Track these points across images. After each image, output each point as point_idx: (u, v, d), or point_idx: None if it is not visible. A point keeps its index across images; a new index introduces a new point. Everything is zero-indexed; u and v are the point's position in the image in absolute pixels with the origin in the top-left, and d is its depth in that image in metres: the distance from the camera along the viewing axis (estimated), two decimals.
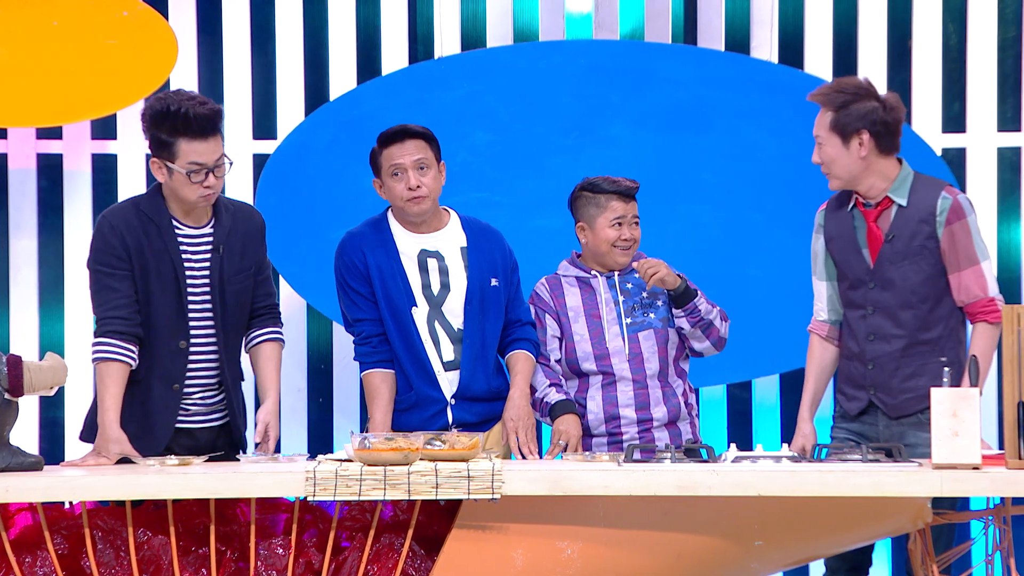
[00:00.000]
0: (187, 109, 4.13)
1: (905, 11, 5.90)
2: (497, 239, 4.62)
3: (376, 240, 4.54)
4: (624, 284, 4.64)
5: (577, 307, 4.63)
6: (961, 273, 4.35)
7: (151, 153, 4.22)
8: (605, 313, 4.61)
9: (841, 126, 4.35)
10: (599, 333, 4.59)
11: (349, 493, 3.76)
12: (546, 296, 4.67)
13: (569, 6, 5.95)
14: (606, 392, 4.57)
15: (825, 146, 4.38)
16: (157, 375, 4.23)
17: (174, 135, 4.15)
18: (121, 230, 4.20)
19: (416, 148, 4.48)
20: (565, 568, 3.85)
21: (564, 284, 4.68)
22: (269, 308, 4.44)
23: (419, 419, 4.49)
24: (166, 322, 4.22)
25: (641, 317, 4.60)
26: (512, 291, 4.61)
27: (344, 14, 5.91)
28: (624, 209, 4.60)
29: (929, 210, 4.35)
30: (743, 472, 3.81)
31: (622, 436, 4.55)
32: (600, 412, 4.56)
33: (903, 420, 4.39)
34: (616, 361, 4.57)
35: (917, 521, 3.91)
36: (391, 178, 4.49)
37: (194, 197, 4.20)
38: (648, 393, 4.57)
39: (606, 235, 4.60)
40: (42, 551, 3.86)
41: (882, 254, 4.38)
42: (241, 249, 4.31)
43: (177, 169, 4.16)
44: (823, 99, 4.41)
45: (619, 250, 4.61)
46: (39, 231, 5.87)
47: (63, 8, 5.59)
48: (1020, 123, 5.88)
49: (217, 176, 4.20)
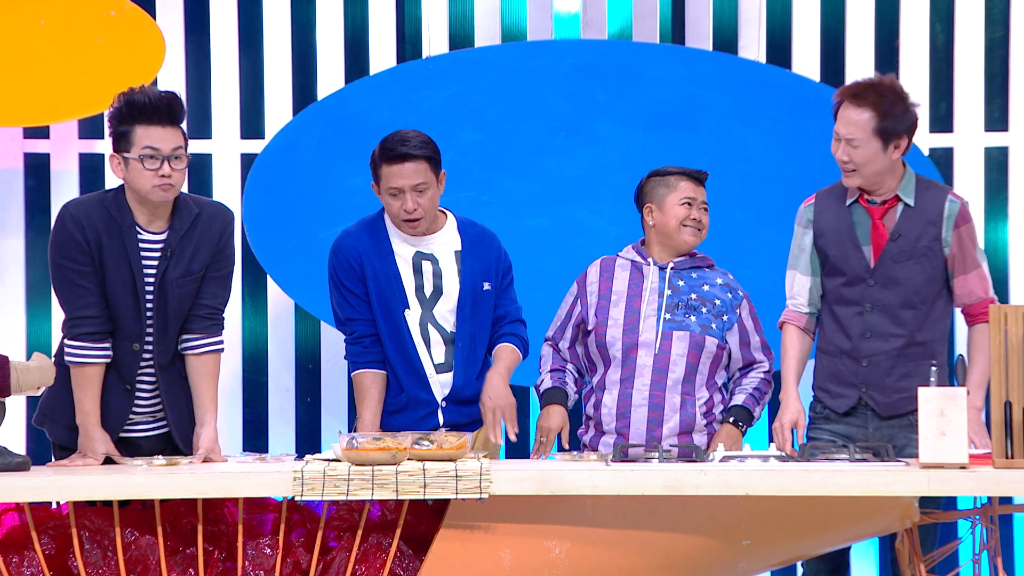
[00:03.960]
0: (144, 96, 4.09)
1: (893, 11, 5.91)
2: (491, 242, 4.60)
3: (371, 241, 4.53)
4: (675, 279, 4.56)
5: (621, 291, 4.55)
6: (967, 276, 4.38)
7: (113, 152, 4.15)
8: (646, 303, 4.53)
9: (886, 131, 4.32)
10: (634, 321, 4.52)
11: (337, 493, 3.75)
12: (594, 277, 4.61)
13: (557, 6, 5.95)
14: (622, 389, 4.50)
15: (862, 148, 4.33)
16: (113, 375, 4.20)
17: (131, 123, 4.09)
18: (84, 224, 4.12)
19: (416, 172, 4.42)
20: (553, 568, 3.85)
21: (617, 267, 4.60)
22: (212, 311, 4.25)
23: (410, 420, 4.48)
24: (123, 323, 4.18)
25: (681, 317, 4.51)
26: (502, 290, 4.60)
27: (332, 13, 5.91)
28: (694, 191, 4.55)
29: (937, 212, 4.38)
30: (731, 472, 3.81)
31: (629, 439, 4.46)
32: (613, 407, 4.51)
33: (893, 421, 4.40)
34: (642, 354, 4.49)
35: (904, 520, 3.92)
36: (389, 196, 4.45)
37: (148, 186, 4.09)
38: (664, 396, 4.48)
39: (675, 212, 4.53)
40: (29, 551, 3.85)
41: (886, 252, 4.39)
42: (192, 252, 4.19)
43: (132, 157, 4.09)
44: (869, 102, 4.33)
45: (688, 230, 4.54)
46: (26, 231, 5.86)
47: (50, 7, 5.58)
48: (1007, 123, 5.90)
49: (174, 168, 4.12)
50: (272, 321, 5.93)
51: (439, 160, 4.48)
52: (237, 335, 5.83)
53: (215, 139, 5.89)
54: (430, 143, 4.46)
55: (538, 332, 4.71)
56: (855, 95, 4.36)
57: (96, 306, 4.14)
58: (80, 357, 4.14)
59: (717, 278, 4.62)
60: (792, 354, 4.54)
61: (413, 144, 4.43)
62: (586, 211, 5.68)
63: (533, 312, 4.79)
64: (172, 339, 4.22)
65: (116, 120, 4.14)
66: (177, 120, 4.15)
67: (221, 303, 4.28)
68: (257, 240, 5.63)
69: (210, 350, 4.25)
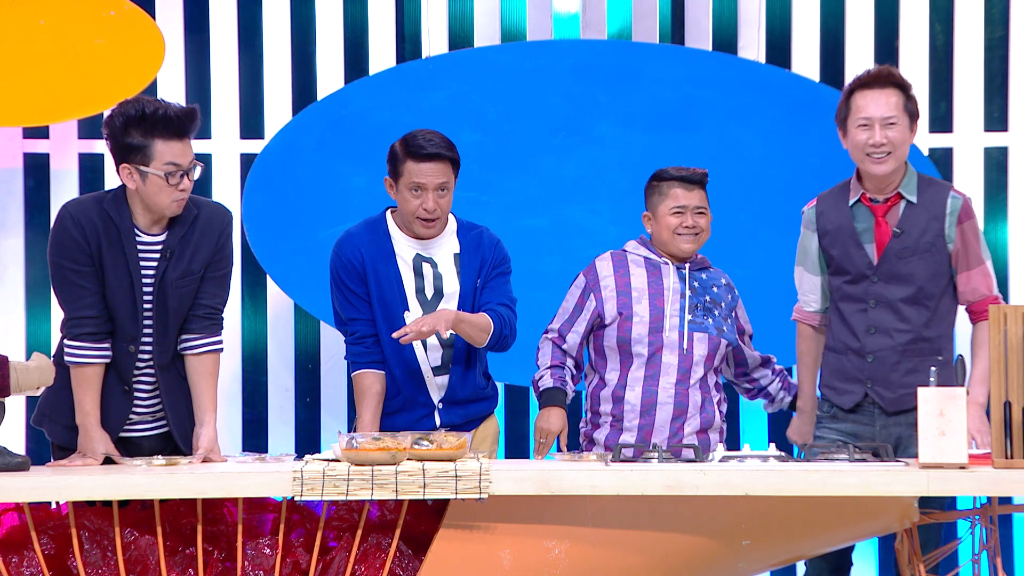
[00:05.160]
0: (164, 110, 4.07)
1: (892, 11, 5.91)
2: (488, 242, 4.59)
3: (374, 242, 4.53)
4: (693, 281, 4.57)
5: (642, 288, 4.54)
6: (971, 272, 4.40)
7: (120, 161, 4.09)
8: (669, 302, 4.52)
9: (911, 111, 4.42)
10: (659, 320, 4.50)
11: (336, 493, 3.75)
12: (607, 271, 4.58)
13: (557, 6, 5.95)
14: (647, 386, 4.49)
15: (898, 126, 4.38)
16: (112, 375, 4.21)
17: (149, 136, 4.06)
18: (83, 225, 4.11)
19: (442, 171, 4.44)
20: (552, 568, 3.85)
21: (630, 262, 4.59)
22: (211, 311, 4.25)
23: (406, 422, 4.49)
24: (120, 324, 4.18)
25: (700, 319, 4.52)
26: (490, 279, 4.56)
27: (332, 13, 5.91)
28: (686, 198, 4.52)
29: (940, 208, 4.40)
30: (730, 472, 3.81)
31: (651, 437, 4.47)
32: (637, 404, 4.50)
33: (899, 417, 4.41)
34: (667, 353, 4.49)
35: (904, 520, 3.92)
36: (409, 191, 4.45)
37: (168, 201, 4.10)
38: (688, 395, 4.49)
39: (667, 222, 4.53)
40: (29, 551, 3.85)
41: (889, 248, 4.40)
42: (192, 253, 4.19)
43: (153, 172, 4.07)
44: (893, 83, 4.40)
45: (683, 238, 4.53)
46: (26, 230, 5.86)
47: (50, 7, 5.58)
48: (1007, 123, 5.90)
49: (190, 179, 4.13)
50: (271, 321, 5.92)
51: (460, 166, 4.50)
52: (236, 335, 5.83)
53: (214, 139, 5.89)
54: (454, 147, 4.49)
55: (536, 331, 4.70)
56: (877, 79, 4.42)
57: (95, 306, 4.14)
58: (80, 357, 4.14)
59: (721, 279, 4.64)
60: (809, 359, 4.60)
61: (442, 144, 4.45)
62: (585, 211, 5.68)
63: (532, 312, 4.79)
64: (171, 339, 4.21)
65: (126, 133, 4.09)
66: (194, 133, 4.15)
67: (220, 303, 4.28)
68: (257, 240, 5.63)
69: (209, 350, 4.25)
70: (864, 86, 4.41)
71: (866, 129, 4.38)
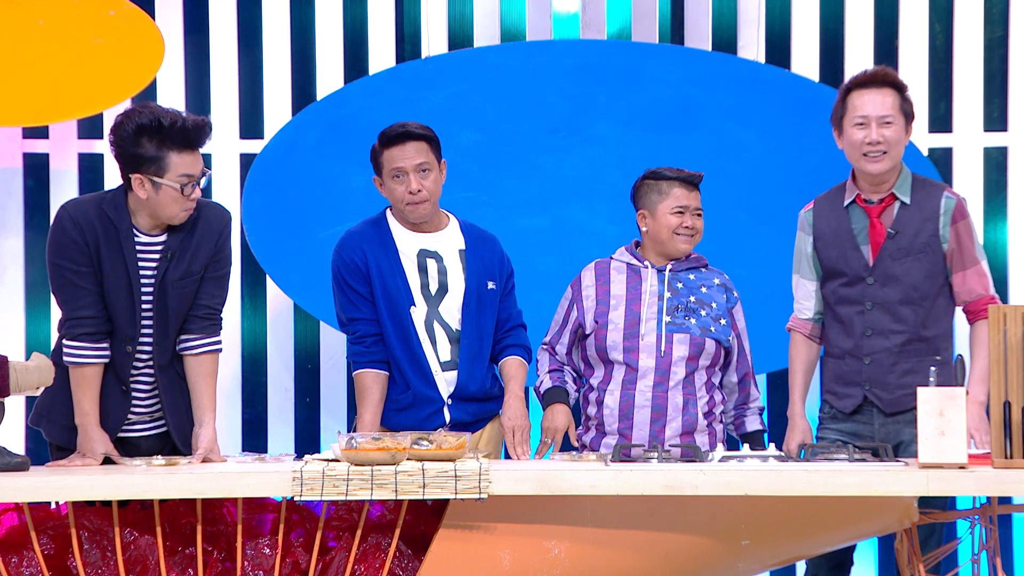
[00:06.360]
0: (181, 122, 4.06)
1: (892, 11, 5.92)
2: (495, 245, 4.62)
3: (376, 239, 4.53)
4: (674, 282, 4.56)
5: (620, 295, 4.54)
6: (965, 272, 4.40)
7: (130, 169, 4.08)
8: (646, 306, 4.52)
9: (907, 112, 4.44)
10: (634, 325, 4.50)
11: (336, 493, 3.75)
12: (589, 281, 4.60)
13: (556, 6, 5.95)
14: (624, 391, 4.50)
15: (894, 125, 4.41)
16: (111, 376, 4.21)
17: (164, 148, 4.06)
18: (82, 225, 4.11)
19: (417, 151, 4.47)
20: (552, 568, 3.85)
21: (612, 270, 4.59)
22: (210, 312, 4.25)
23: (416, 419, 4.48)
24: (118, 325, 4.18)
25: (681, 319, 4.50)
26: (506, 293, 4.61)
27: (331, 13, 5.91)
28: (687, 198, 4.53)
29: (933, 209, 4.41)
30: (730, 472, 3.81)
31: (631, 440, 4.46)
32: (616, 409, 4.50)
33: (899, 417, 4.41)
34: (644, 356, 4.47)
35: (903, 520, 3.92)
36: (392, 180, 4.48)
37: (178, 211, 4.12)
38: (667, 398, 4.46)
39: (667, 222, 4.52)
40: (28, 551, 3.85)
41: (884, 250, 4.41)
42: (192, 254, 4.20)
43: (168, 184, 4.07)
44: (889, 83, 4.43)
45: (681, 238, 4.53)
46: (25, 230, 5.86)
47: (50, 7, 5.58)
48: (1006, 123, 5.90)
49: (200, 188, 4.15)
50: (271, 321, 5.92)
51: (439, 146, 4.52)
52: (236, 335, 5.83)
53: (214, 139, 5.87)
54: (429, 128, 4.52)
55: (535, 331, 4.71)
56: (873, 79, 4.44)
57: (94, 306, 4.14)
58: (78, 357, 4.14)
59: (714, 279, 4.61)
60: (799, 367, 4.58)
61: (412, 125, 4.50)
62: (585, 211, 5.68)
63: (531, 312, 4.79)
64: (171, 340, 4.22)
65: (137, 143, 4.07)
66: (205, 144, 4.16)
67: (219, 303, 4.28)
68: (256, 240, 5.63)
69: (208, 350, 4.25)
70: (860, 86, 4.43)
71: (862, 128, 4.39)
